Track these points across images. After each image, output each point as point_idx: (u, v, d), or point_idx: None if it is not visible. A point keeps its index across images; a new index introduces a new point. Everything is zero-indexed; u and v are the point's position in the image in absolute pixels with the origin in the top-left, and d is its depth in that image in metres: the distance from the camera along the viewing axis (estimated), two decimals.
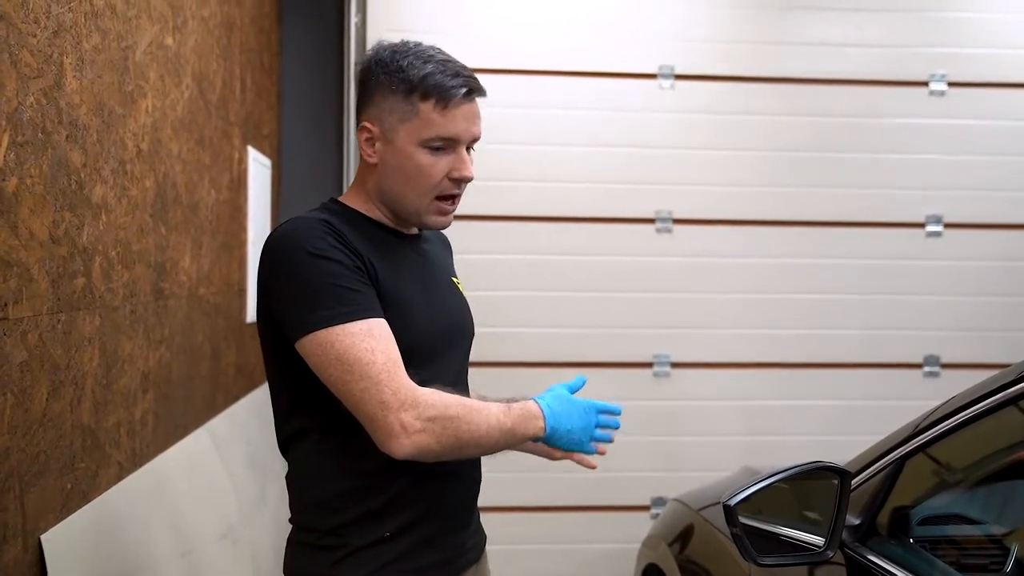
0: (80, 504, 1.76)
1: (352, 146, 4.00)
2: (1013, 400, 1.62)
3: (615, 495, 3.98)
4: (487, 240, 3.94)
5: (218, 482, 2.67)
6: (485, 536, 1.74)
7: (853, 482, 1.77)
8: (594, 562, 3.99)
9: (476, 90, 1.56)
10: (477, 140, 1.60)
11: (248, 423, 3.20)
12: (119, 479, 1.98)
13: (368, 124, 1.58)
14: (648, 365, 4.05)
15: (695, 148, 4.05)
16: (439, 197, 1.58)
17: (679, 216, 4.04)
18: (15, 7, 1.49)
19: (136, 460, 2.10)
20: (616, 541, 3.92)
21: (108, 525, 1.85)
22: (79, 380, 1.76)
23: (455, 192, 1.59)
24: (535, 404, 1.55)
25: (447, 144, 1.55)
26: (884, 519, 1.80)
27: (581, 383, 1.65)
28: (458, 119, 1.54)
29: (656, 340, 4.05)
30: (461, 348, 1.69)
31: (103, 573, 1.77)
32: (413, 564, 1.54)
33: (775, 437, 4.06)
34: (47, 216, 1.61)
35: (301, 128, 4.16)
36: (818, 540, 1.73)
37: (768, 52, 4.06)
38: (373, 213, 1.61)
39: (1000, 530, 1.83)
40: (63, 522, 1.66)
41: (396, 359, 1.44)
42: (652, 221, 4.04)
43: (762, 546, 1.71)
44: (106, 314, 1.91)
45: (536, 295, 4.00)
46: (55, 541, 1.60)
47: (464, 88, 1.54)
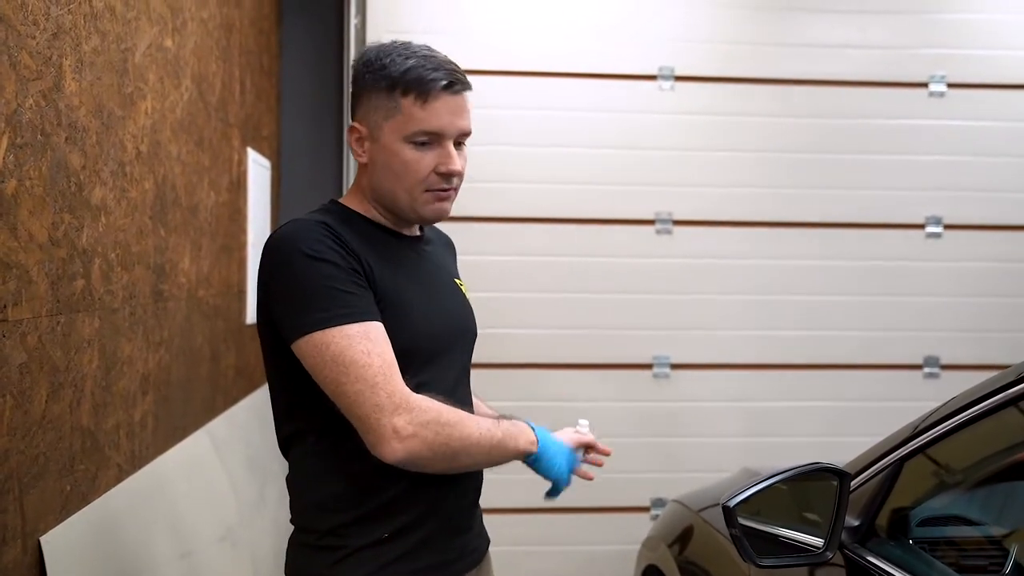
0: (80, 506, 1.76)
1: None
2: (1013, 401, 1.62)
3: (615, 496, 3.97)
4: (487, 241, 3.94)
5: (217, 484, 2.67)
6: (488, 540, 1.74)
7: (852, 483, 1.77)
8: (594, 563, 3.99)
9: (458, 82, 1.54)
10: (467, 134, 1.57)
11: (248, 425, 3.19)
12: (118, 481, 1.98)
13: (356, 124, 1.58)
14: (648, 366, 4.05)
15: (695, 149, 4.05)
16: (429, 191, 1.56)
17: (679, 217, 4.04)
18: (14, 9, 1.49)
19: (135, 462, 2.10)
20: (616, 542, 3.91)
21: (107, 527, 1.84)
22: (78, 382, 1.76)
23: (444, 187, 1.57)
24: (525, 423, 1.60)
25: (432, 139, 1.53)
26: (883, 520, 1.80)
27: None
28: (441, 112, 1.52)
29: (656, 341, 4.04)
30: (462, 350, 1.67)
31: (103, 575, 1.77)
32: (412, 565, 1.54)
33: (775, 438, 4.06)
34: (46, 218, 1.61)
35: (301, 129, 4.16)
36: (817, 541, 1.73)
37: (768, 53, 4.06)
38: (371, 214, 1.61)
39: (999, 531, 1.83)
40: (62, 524, 1.66)
41: (392, 363, 1.43)
42: (652, 222, 4.04)
43: (761, 547, 1.71)
44: (105, 316, 1.90)
45: (536, 296, 3.99)
46: (54, 543, 1.60)
47: (444, 80, 1.51)
